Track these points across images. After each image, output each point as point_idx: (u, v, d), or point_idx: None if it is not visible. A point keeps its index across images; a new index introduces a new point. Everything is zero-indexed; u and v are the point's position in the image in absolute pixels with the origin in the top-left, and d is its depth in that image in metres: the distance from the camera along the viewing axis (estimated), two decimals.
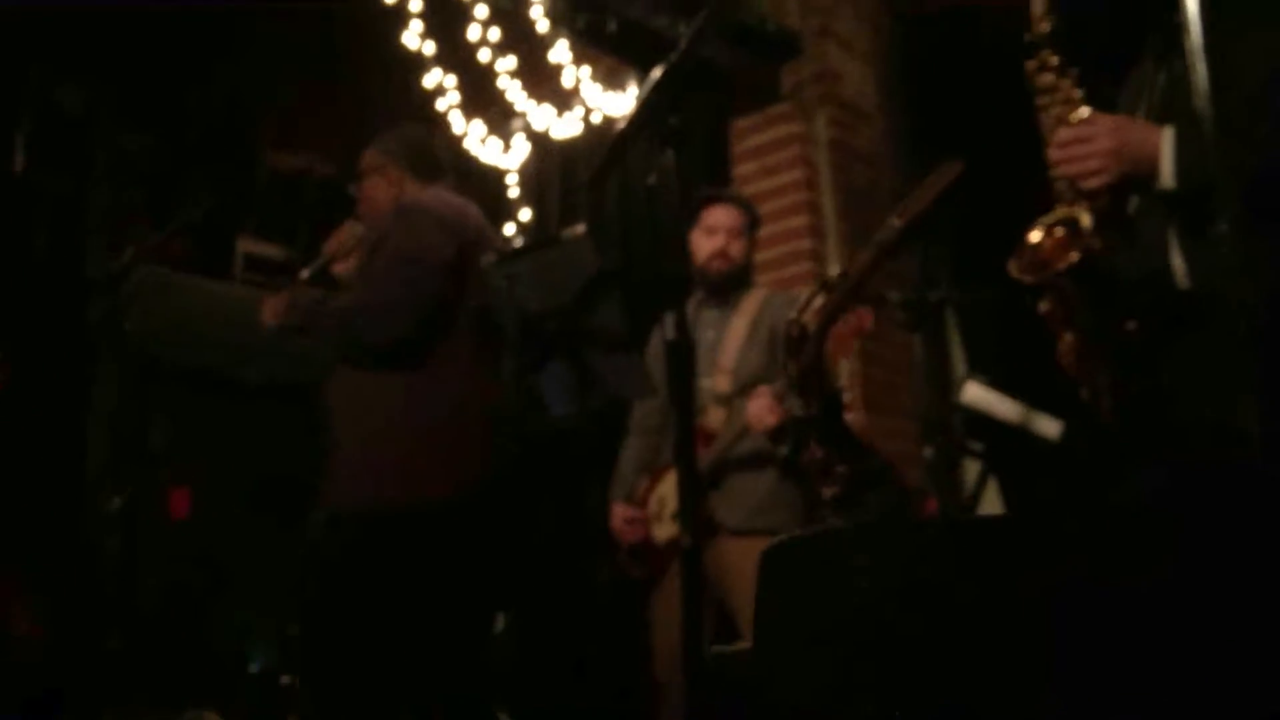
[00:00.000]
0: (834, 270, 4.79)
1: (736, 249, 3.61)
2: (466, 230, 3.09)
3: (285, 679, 5.11)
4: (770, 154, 4.87)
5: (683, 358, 2.03)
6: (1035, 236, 2.00)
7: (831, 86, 4.91)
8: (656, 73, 2.08)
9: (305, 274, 3.24)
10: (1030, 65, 2.09)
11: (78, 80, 4.50)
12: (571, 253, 2.54)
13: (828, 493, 2.04)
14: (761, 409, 3.29)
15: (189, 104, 4.97)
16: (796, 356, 2.09)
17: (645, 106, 2.08)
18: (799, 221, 4.75)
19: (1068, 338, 2.00)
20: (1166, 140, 1.96)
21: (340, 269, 3.30)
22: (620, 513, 3.61)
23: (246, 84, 5.21)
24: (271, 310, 3.13)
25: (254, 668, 5.29)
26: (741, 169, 4.91)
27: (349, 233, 3.29)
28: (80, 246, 4.42)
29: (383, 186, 3.24)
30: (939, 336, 3.97)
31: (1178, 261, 1.99)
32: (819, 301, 2.15)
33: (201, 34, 4.98)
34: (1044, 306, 2.01)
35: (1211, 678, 1.28)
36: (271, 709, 4.85)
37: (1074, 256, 1.92)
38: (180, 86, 5.04)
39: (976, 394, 3.56)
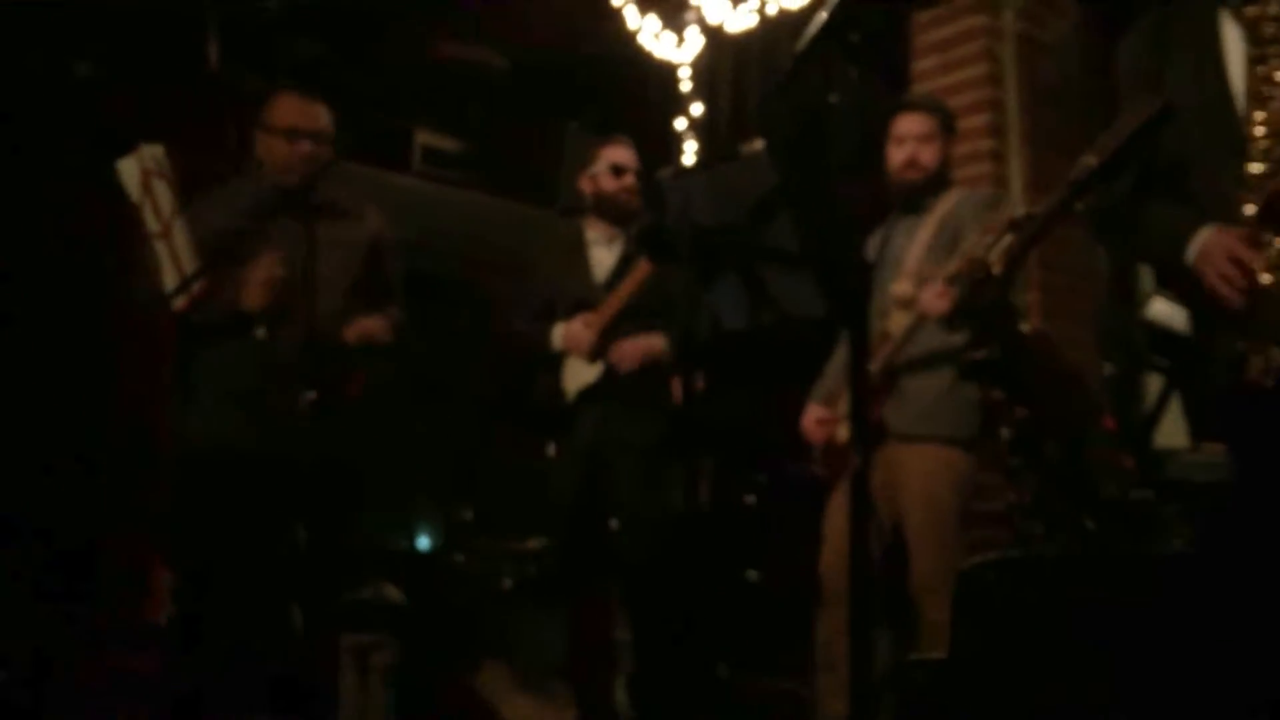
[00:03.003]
0: (1015, 170, 4.63)
1: (928, 155, 3.53)
2: None
3: (459, 558, 5.32)
4: (953, 48, 4.68)
5: (859, 276, 2.01)
6: None
7: None
8: None
9: None
10: (1252, 12, 1.94)
11: None
12: (748, 169, 2.51)
13: (1005, 434, 2.01)
14: (933, 295, 3.21)
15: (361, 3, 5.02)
16: (978, 298, 2.04)
17: (827, 23, 2.02)
18: (980, 120, 4.58)
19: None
20: None
21: None
22: (813, 413, 3.64)
23: None
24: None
25: (421, 547, 5.54)
26: (921, 64, 4.74)
27: None
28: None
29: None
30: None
31: None
32: (1005, 242, 2.07)
33: None
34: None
35: None
36: (441, 586, 5.06)
37: None
38: None
39: (1162, 310, 3.42)
